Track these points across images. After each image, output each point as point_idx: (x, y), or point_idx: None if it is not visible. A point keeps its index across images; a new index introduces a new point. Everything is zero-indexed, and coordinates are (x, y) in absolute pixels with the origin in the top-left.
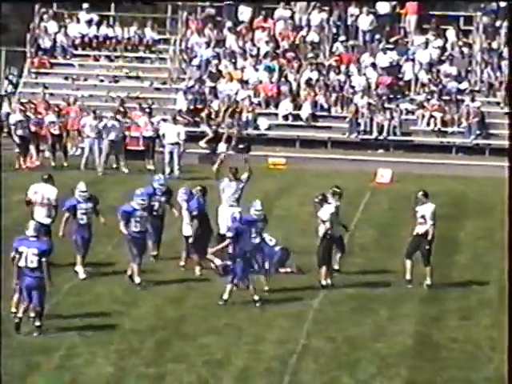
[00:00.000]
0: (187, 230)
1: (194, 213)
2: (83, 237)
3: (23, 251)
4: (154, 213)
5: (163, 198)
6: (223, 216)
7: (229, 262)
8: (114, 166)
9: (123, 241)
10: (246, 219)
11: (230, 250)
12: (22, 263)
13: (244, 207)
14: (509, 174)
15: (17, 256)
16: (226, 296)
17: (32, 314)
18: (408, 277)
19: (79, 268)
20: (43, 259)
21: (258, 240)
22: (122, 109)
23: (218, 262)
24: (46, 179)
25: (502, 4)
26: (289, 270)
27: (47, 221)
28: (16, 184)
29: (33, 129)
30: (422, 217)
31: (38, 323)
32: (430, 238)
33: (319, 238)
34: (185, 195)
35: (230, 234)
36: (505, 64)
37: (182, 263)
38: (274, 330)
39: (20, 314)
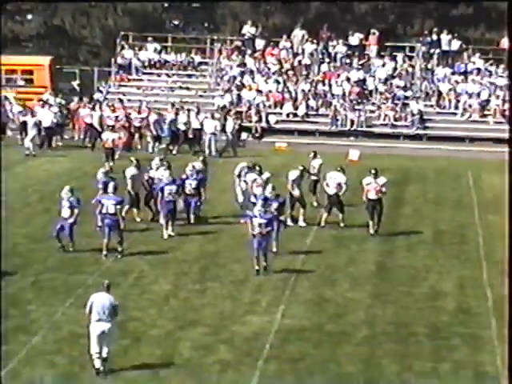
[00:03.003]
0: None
1: None
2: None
3: (104, 203)
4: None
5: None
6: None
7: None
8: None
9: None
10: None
11: None
12: (104, 210)
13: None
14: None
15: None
16: None
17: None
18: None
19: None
20: (118, 207)
21: None
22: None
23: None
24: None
25: (435, 37)
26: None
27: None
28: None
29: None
30: (376, 186)
31: (120, 248)
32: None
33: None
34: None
35: None
36: (436, 78)
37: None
38: (280, 259)
39: (105, 251)
